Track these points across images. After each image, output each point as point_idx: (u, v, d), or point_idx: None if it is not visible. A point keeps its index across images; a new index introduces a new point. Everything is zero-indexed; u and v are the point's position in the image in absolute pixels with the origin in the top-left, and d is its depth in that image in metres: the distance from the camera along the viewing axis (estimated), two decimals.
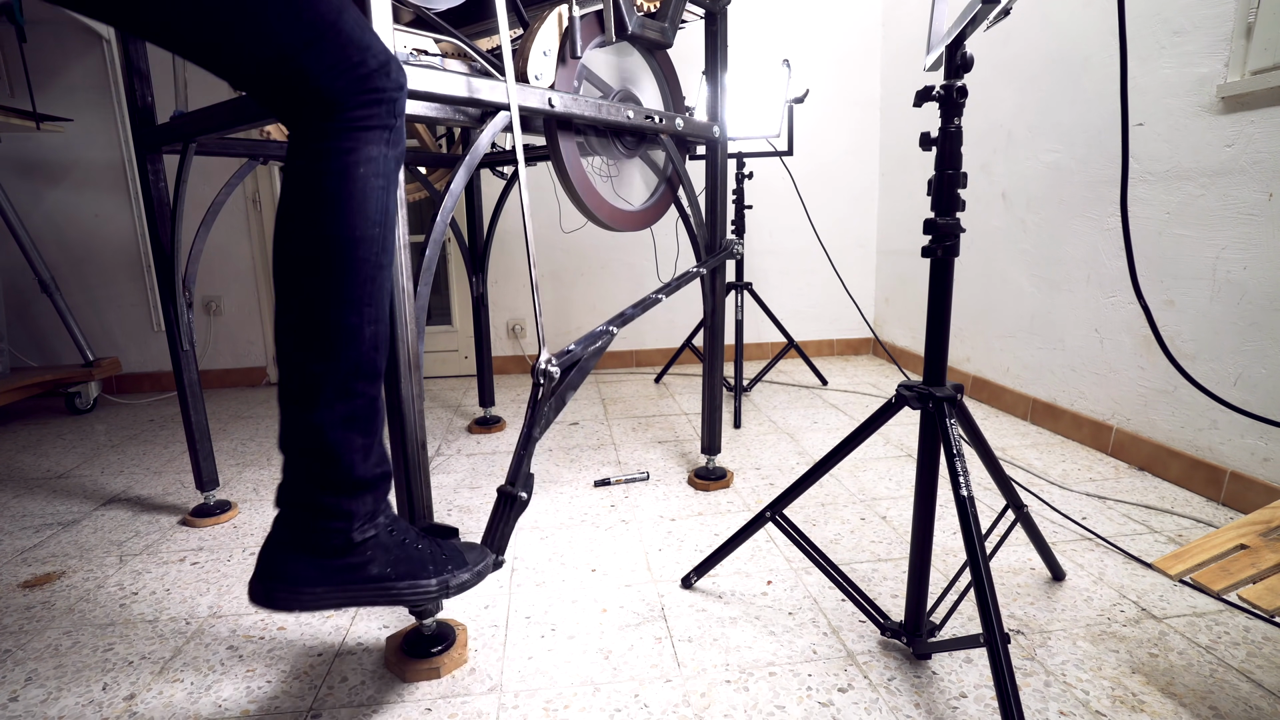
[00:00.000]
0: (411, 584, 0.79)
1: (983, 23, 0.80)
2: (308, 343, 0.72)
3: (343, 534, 0.74)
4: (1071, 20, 1.78)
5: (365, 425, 0.75)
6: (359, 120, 0.70)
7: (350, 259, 0.71)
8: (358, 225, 0.71)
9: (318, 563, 0.74)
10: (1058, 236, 1.87)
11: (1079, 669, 0.93)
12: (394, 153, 0.74)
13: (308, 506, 0.73)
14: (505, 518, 0.94)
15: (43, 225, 2.53)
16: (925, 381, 0.89)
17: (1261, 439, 1.33)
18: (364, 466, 0.75)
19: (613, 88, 1.30)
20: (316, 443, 0.72)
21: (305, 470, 0.73)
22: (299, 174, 0.70)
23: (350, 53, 0.68)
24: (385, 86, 0.71)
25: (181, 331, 1.39)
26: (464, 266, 2.68)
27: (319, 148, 0.70)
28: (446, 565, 0.83)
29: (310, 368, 0.72)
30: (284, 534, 0.74)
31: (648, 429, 2.04)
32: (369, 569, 0.76)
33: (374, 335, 0.74)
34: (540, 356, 0.96)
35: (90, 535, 1.42)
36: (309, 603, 0.74)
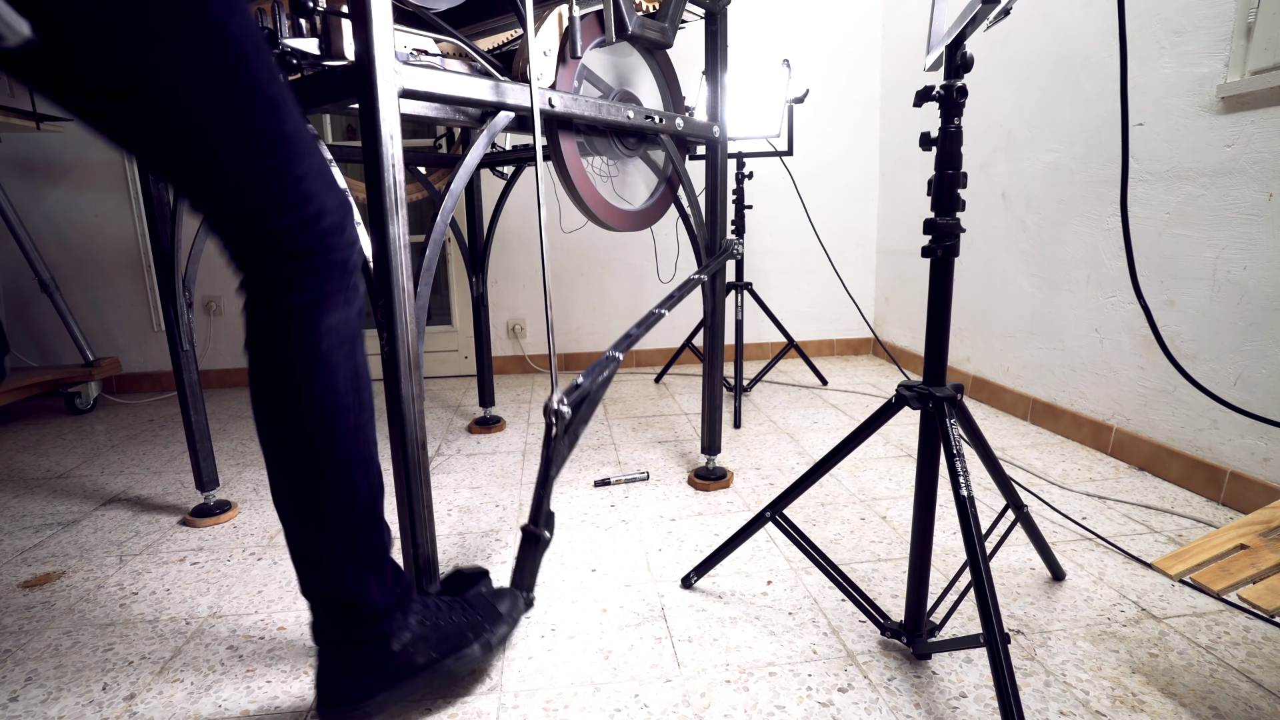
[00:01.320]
0: (457, 657, 0.86)
1: (983, 23, 0.80)
2: (307, 518, 0.74)
3: (383, 650, 0.80)
4: (1071, 20, 1.78)
5: (377, 565, 0.79)
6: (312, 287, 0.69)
7: (330, 437, 0.72)
8: (331, 402, 0.71)
9: (370, 678, 0.79)
10: (1058, 236, 1.87)
11: (1079, 669, 0.93)
12: (353, 310, 0.73)
13: (344, 642, 0.79)
14: (531, 557, 0.99)
15: (43, 225, 2.53)
16: (925, 381, 0.89)
17: (1261, 439, 1.33)
18: (384, 597, 0.79)
19: (613, 88, 1.30)
20: (335, 594, 0.77)
21: (331, 615, 0.78)
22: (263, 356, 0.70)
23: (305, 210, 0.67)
24: (336, 245, 0.70)
25: (181, 331, 1.39)
26: (464, 266, 2.68)
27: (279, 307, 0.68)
28: (483, 626, 0.90)
29: (314, 537, 0.75)
30: (331, 665, 0.79)
31: (648, 429, 2.04)
32: (415, 661, 0.82)
33: (369, 490, 0.77)
34: (552, 396, 0.98)
35: (90, 535, 1.42)
36: (375, 711, 0.80)
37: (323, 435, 0.71)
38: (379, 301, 0.87)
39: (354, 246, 0.72)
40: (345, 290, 0.71)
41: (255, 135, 0.62)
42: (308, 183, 0.66)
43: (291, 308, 0.68)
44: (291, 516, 0.75)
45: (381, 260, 0.85)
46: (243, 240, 0.66)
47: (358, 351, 0.74)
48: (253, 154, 0.63)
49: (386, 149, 0.82)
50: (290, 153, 0.65)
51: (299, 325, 0.68)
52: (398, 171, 0.83)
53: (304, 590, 0.78)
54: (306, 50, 0.87)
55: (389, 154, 0.82)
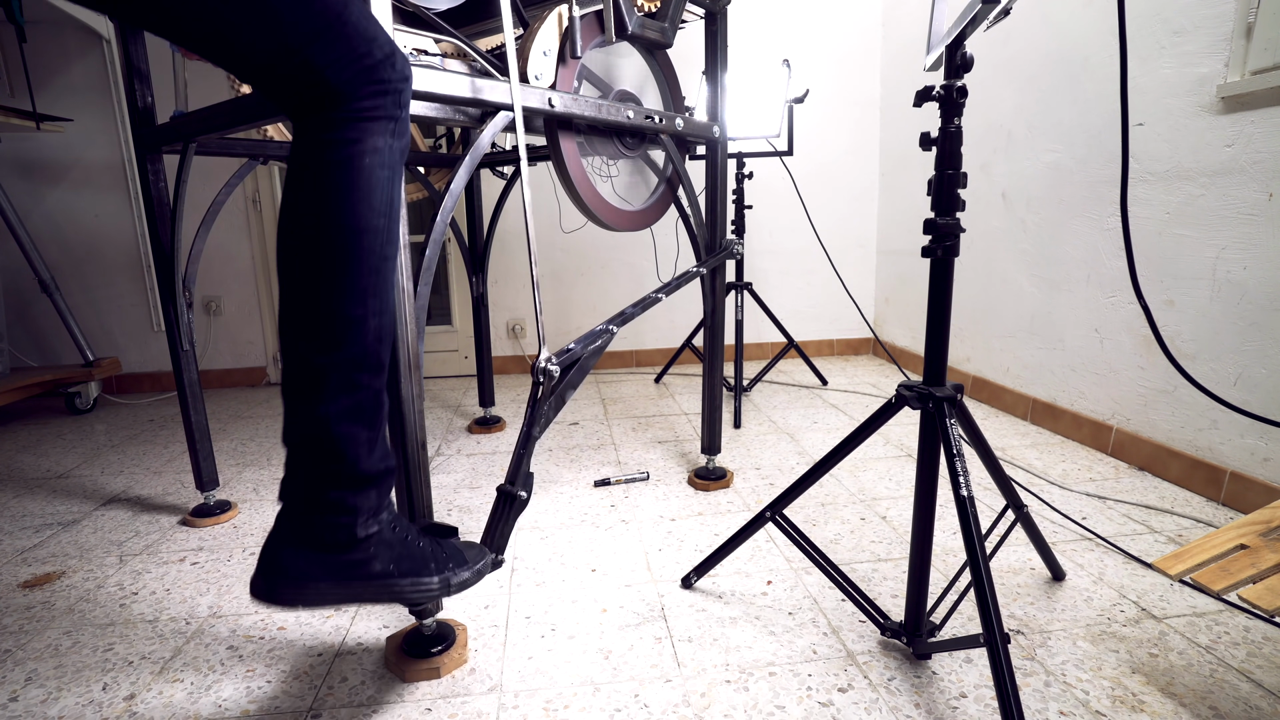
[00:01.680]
0: (414, 581, 0.79)
1: (983, 23, 0.80)
2: (312, 334, 0.71)
3: (347, 529, 0.73)
4: (1071, 20, 1.78)
5: (370, 418, 0.74)
6: (365, 111, 0.70)
7: (356, 249, 0.71)
8: (364, 215, 0.71)
9: (321, 558, 0.73)
10: (1058, 236, 1.87)
11: (1079, 669, 0.93)
12: (399, 144, 0.74)
13: (311, 501, 0.73)
14: (505, 517, 0.94)
15: (43, 225, 2.53)
16: (925, 381, 0.89)
17: (1261, 439, 1.33)
18: (368, 461, 0.74)
19: (613, 88, 1.30)
20: (321, 435, 0.72)
21: (309, 464, 0.73)
22: (305, 165, 0.70)
23: (356, 44, 0.68)
24: (390, 78, 0.71)
25: (181, 331, 1.39)
26: (464, 266, 2.68)
27: (325, 139, 0.69)
28: (448, 563, 0.83)
29: (315, 360, 0.71)
30: (287, 529, 0.73)
31: (648, 429, 2.04)
32: (372, 565, 0.75)
33: (378, 327, 0.74)
34: (540, 355, 0.96)
35: (90, 535, 1.42)
36: (312, 599, 0.73)
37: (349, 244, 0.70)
38: None
39: (406, 81, 0.73)
40: (396, 121, 0.72)
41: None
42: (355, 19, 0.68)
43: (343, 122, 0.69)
44: (294, 334, 0.71)
45: None
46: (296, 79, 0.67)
47: (398, 181, 0.74)
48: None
49: None
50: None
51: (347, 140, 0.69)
52: None
53: (286, 436, 0.73)
54: None
55: None
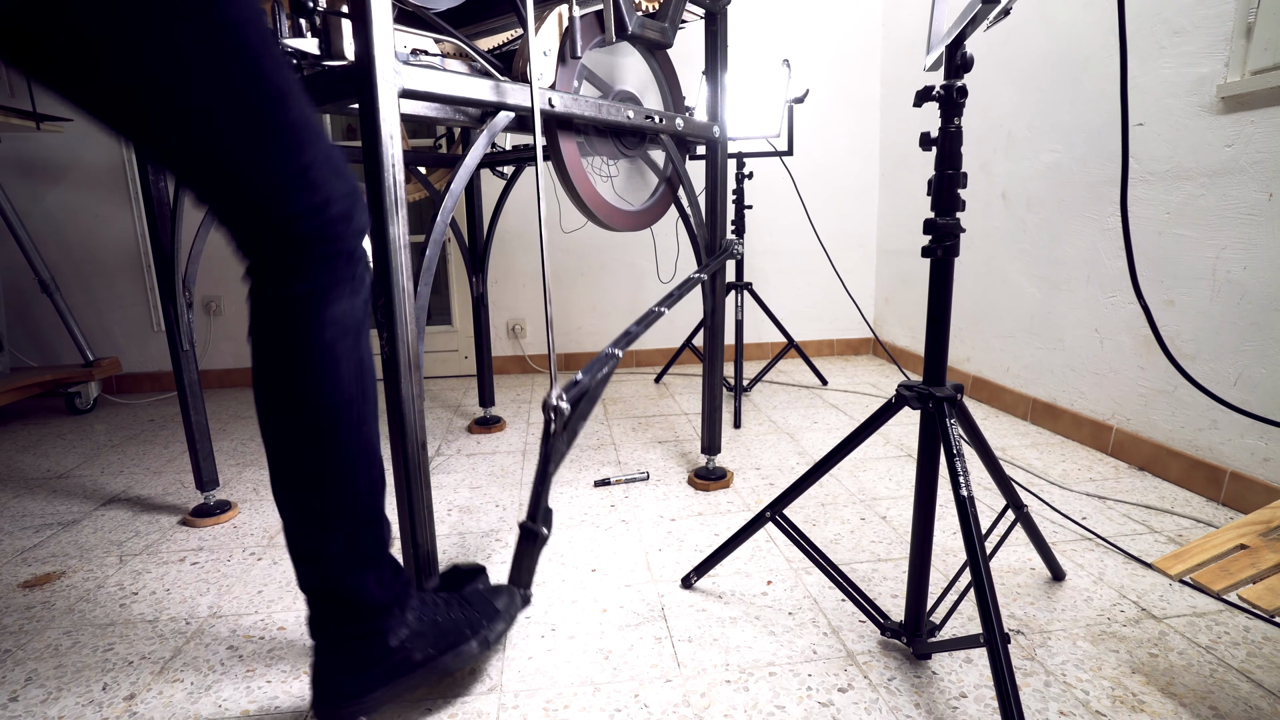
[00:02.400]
0: (455, 654, 0.85)
1: (983, 23, 0.80)
2: (307, 509, 0.74)
3: (380, 647, 0.79)
4: (1071, 20, 1.78)
5: (374, 560, 0.78)
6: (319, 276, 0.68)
7: (333, 427, 0.71)
8: (334, 392, 0.71)
9: (367, 674, 0.79)
10: (1058, 236, 1.87)
11: (1079, 669, 0.93)
12: (360, 299, 0.72)
13: (342, 637, 0.78)
14: (529, 554, 0.98)
15: (43, 225, 2.53)
16: (925, 381, 0.89)
17: (1261, 439, 1.33)
18: (382, 592, 0.79)
19: (613, 88, 1.30)
20: (333, 589, 0.76)
21: (328, 610, 0.77)
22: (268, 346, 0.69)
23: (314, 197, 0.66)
24: (344, 234, 0.69)
25: (181, 331, 1.39)
26: (464, 266, 2.68)
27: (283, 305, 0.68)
28: (480, 622, 0.89)
29: (313, 529, 0.74)
30: (328, 660, 0.78)
31: (648, 429, 2.04)
32: (413, 658, 0.82)
33: (370, 483, 0.76)
34: (551, 392, 0.97)
35: (90, 535, 1.42)
36: (372, 708, 0.79)
37: (325, 426, 0.71)
38: (379, 301, 0.87)
39: (361, 235, 0.71)
40: (352, 280, 0.71)
41: (259, 123, 0.62)
42: (314, 170, 0.66)
43: (296, 296, 0.67)
44: (291, 509, 0.74)
45: (381, 260, 0.85)
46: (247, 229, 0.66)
47: (362, 342, 0.73)
48: (257, 142, 0.62)
49: (386, 149, 0.82)
50: (296, 140, 0.64)
51: (303, 314, 0.68)
52: (398, 171, 0.83)
53: (301, 584, 0.77)
54: (306, 50, 0.87)
55: (389, 154, 0.82)
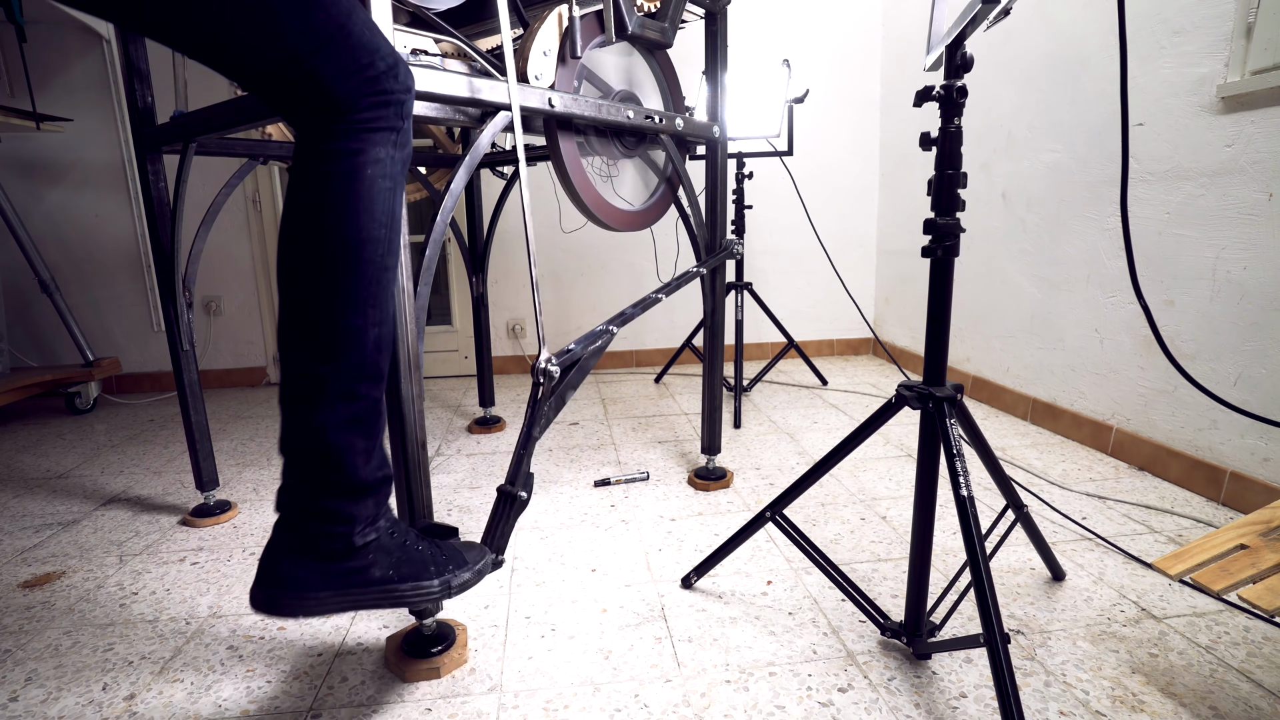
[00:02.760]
0: (414, 585, 0.79)
1: (983, 23, 0.80)
2: (311, 343, 0.71)
3: (345, 538, 0.74)
4: (1071, 20, 1.78)
5: (368, 428, 0.74)
6: (367, 122, 0.70)
7: (356, 259, 0.71)
8: (365, 226, 0.71)
9: (320, 567, 0.73)
10: (1058, 236, 1.87)
11: (1079, 669, 0.93)
12: (401, 154, 0.74)
13: (309, 510, 0.73)
14: (505, 517, 0.94)
15: (43, 225, 2.53)
16: (925, 381, 0.89)
17: (1261, 439, 1.33)
18: (366, 470, 0.74)
19: (613, 87, 1.30)
20: (318, 445, 0.72)
21: (306, 473, 0.73)
22: (306, 175, 0.70)
23: (359, 55, 0.68)
24: (393, 89, 0.71)
25: (181, 331, 1.39)
26: (464, 266, 2.68)
27: (327, 149, 0.69)
28: (448, 565, 0.83)
29: (313, 369, 0.71)
30: (285, 539, 0.73)
31: (648, 429, 2.04)
32: (371, 572, 0.75)
33: (378, 337, 0.74)
34: (540, 355, 0.96)
35: (90, 535, 1.42)
36: (312, 608, 0.73)
37: (350, 255, 0.70)
38: None
39: (408, 92, 0.73)
40: (397, 132, 0.72)
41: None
42: (358, 30, 0.68)
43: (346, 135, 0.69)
44: (293, 342, 0.71)
45: None
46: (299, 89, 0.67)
47: (399, 193, 0.74)
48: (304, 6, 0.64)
49: None
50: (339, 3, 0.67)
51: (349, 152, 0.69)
52: None
53: (283, 444, 0.73)
54: None
55: None
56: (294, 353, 0.72)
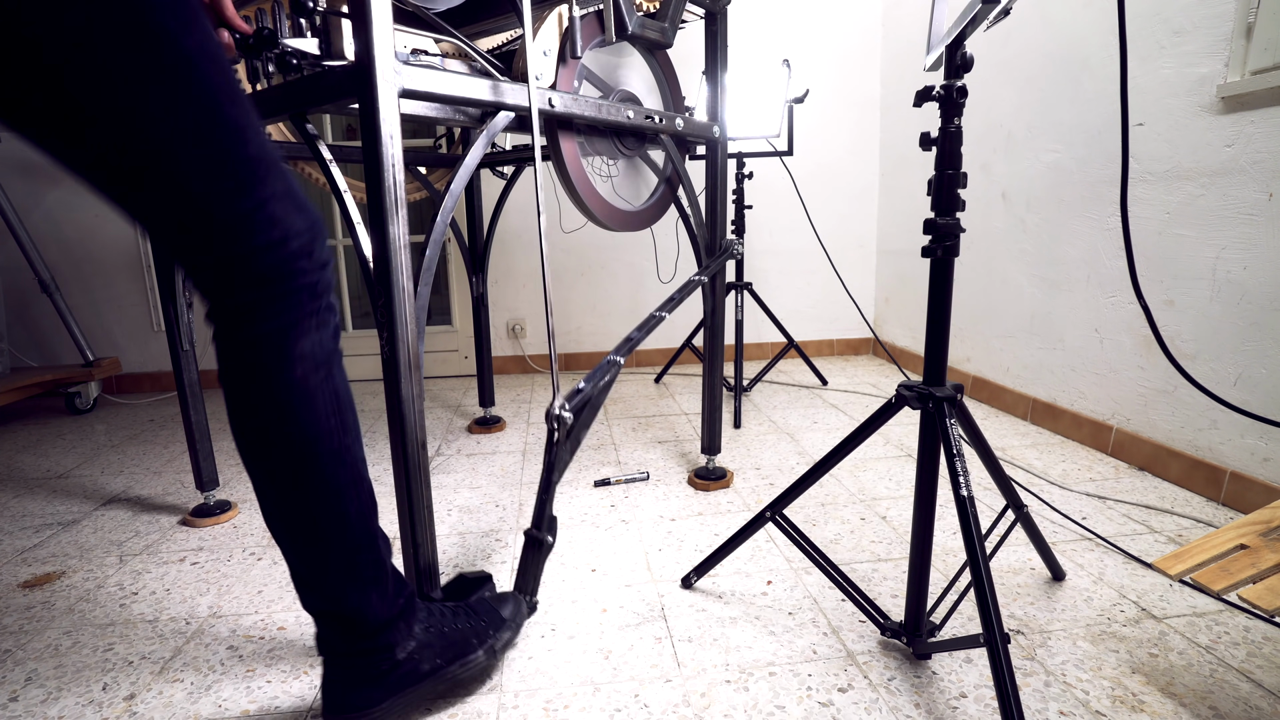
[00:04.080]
0: (462, 663, 0.87)
1: (983, 23, 0.80)
2: (300, 542, 0.74)
3: (388, 660, 0.80)
4: (1071, 20, 1.78)
5: (376, 578, 0.79)
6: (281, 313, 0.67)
7: (315, 462, 0.71)
8: (312, 428, 0.70)
9: (375, 687, 0.80)
10: (1058, 236, 1.87)
11: (1079, 669, 0.93)
12: (328, 332, 0.71)
13: (349, 654, 0.79)
14: (534, 561, 1.00)
15: (43, 225, 2.53)
16: (925, 381, 0.89)
17: (1261, 439, 1.33)
18: (386, 608, 0.79)
19: (613, 87, 1.30)
20: (336, 611, 0.77)
21: (334, 629, 0.78)
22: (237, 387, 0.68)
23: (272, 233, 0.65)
24: (306, 269, 0.68)
25: (181, 331, 1.39)
26: (464, 266, 2.68)
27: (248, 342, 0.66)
28: (487, 632, 0.90)
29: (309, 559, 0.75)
30: (335, 675, 0.80)
31: (648, 429, 2.04)
32: (421, 668, 0.83)
33: (360, 509, 0.76)
34: (554, 402, 0.98)
35: (90, 535, 1.42)
36: (380, 718, 0.81)
37: (308, 462, 0.70)
38: (379, 301, 0.87)
39: (324, 269, 0.70)
40: (317, 314, 0.69)
41: (215, 158, 0.60)
42: (271, 206, 0.64)
43: (261, 335, 0.66)
44: (285, 540, 0.74)
45: (381, 260, 0.85)
46: (205, 267, 0.64)
47: (335, 373, 0.72)
48: (212, 178, 0.60)
49: (386, 149, 0.82)
50: (252, 176, 0.63)
51: (271, 352, 0.67)
52: (398, 171, 0.83)
53: (305, 606, 0.78)
54: (306, 50, 0.87)
55: (389, 154, 0.82)
56: (286, 545, 0.75)
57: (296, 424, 0.69)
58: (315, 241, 0.68)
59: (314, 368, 0.69)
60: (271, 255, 0.65)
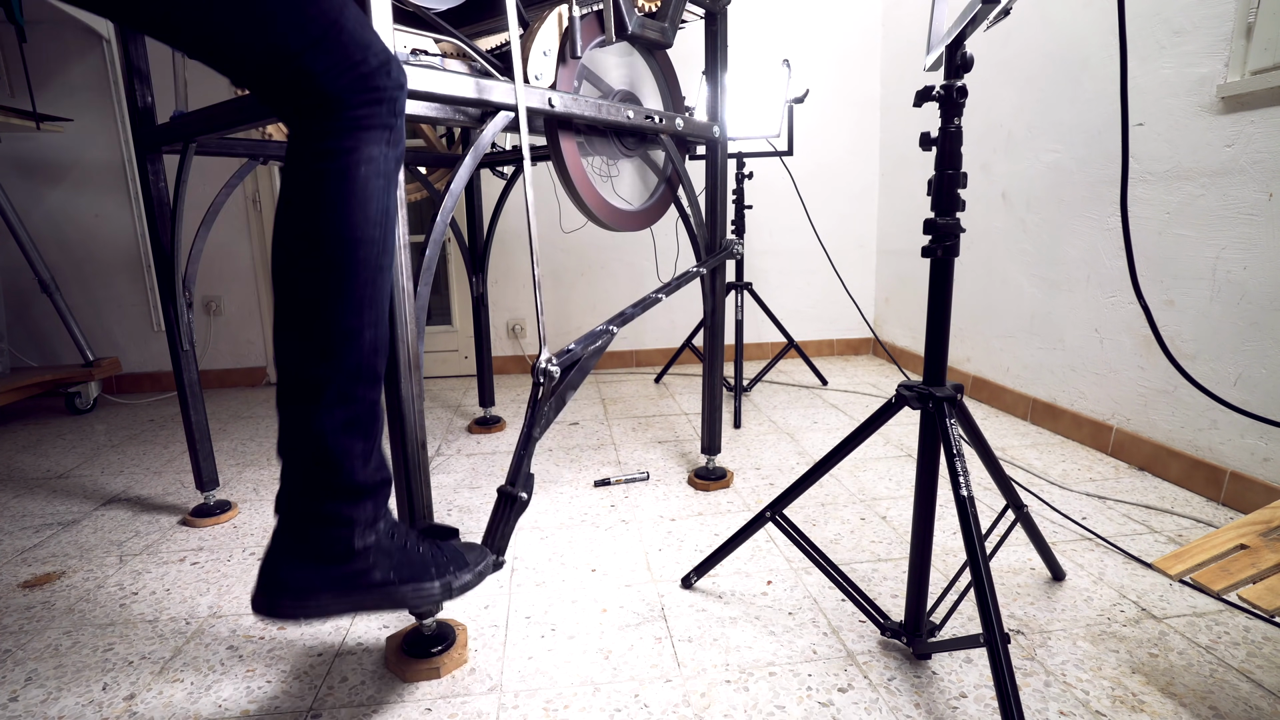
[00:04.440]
0: (415, 587, 0.79)
1: (983, 23, 0.80)
2: (307, 345, 0.71)
3: (344, 541, 0.73)
4: (1071, 20, 1.78)
5: (365, 430, 0.74)
6: (360, 119, 0.69)
7: (351, 260, 0.70)
8: (359, 226, 0.70)
9: (321, 571, 0.73)
10: (1058, 236, 1.87)
11: (1079, 669, 0.93)
12: (394, 153, 0.73)
13: (308, 514, 0.73)
14: (505, 518, 0.94)
15: (43, 225, 2.53)
16: (925, 381, 0.89)
17: (1261, 439, 1.33)
18: (364, 472, 0.74)
19: (613, 87, 1.30)
20: (317, 448, 0.71)
21: (305, 476, 0.72)
22: (299, 173, 0.70)
23: (352, 51, 0.68)
24: (386, 85, 0.71)
25: (181, 331, 1.39)
26: (464, 266, 2.68)
27: (320, 147, 0.69)
28: (448, 567, 0.83)
29: (310, 371, 0.71)
30: (285, 543, 0.73)
31: (648, 429, 2.04)
32: (372, 575, 0.75)
33: (374, 339, 0.74)
34: (541, 355, 0.96)
35: (90, 535, 1.42)
36: (314, 612, 0.73)
37: (345, 256, 0.70)
38: None
39: (401, 89, 0.73)
40: (391, 129, 0.72)
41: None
42: (351, 26, 0.68)
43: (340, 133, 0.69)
44: (290, 349, 0.71)
45: None
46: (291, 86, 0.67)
47: (392, 191, 0.74)
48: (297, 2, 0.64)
49: None
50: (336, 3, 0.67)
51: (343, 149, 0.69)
52: None
53: (281, 448, 0.72)
54: None
55: None
56: (290, 355, 0.71)
57: (348, 217, 0.70)
58: (392, 63, 0.72)
59: (377, 174, 0.71)
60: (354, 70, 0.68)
